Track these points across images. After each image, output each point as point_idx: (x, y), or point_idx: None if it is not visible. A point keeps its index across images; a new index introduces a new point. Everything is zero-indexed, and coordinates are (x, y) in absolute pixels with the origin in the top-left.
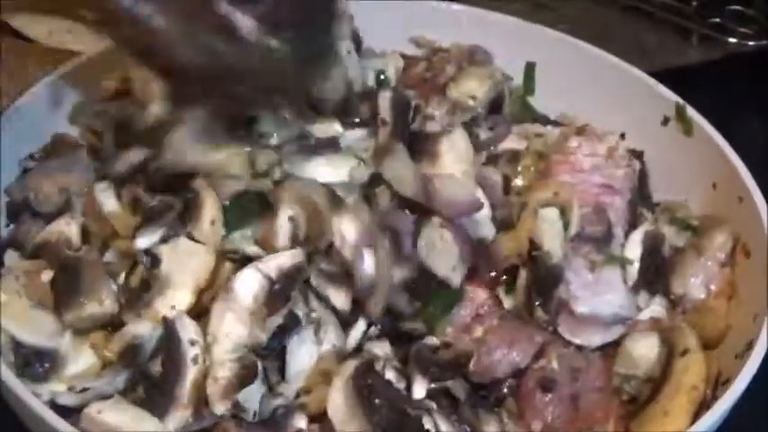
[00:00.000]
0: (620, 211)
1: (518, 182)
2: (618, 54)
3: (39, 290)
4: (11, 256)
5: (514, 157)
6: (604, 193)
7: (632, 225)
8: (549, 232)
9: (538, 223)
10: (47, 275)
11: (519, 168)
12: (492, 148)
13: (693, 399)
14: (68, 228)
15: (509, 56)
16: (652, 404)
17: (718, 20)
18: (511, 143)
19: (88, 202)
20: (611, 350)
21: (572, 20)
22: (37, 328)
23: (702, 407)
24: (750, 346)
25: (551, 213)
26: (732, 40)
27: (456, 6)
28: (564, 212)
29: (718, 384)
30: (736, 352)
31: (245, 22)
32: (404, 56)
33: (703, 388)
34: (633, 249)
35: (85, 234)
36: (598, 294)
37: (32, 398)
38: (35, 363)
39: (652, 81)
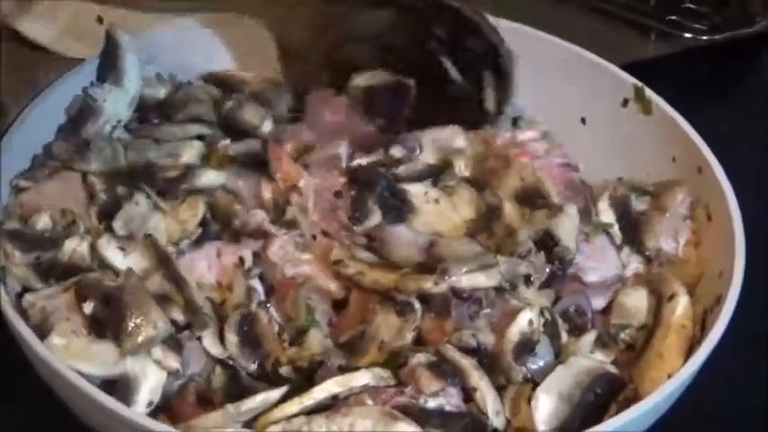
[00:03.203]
0: (583, 185)
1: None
2: None
3: (82, 322)
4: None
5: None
6: (567, 170)
7: (592, 195)
8: (569, 228)
9: (558, 220)
10: (88, 308)
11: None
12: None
13: (683, 337)
14: (81, 248)
15: None
16: (647, 349)
17: (674, 17)
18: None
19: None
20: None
21: (540, 20)
22: (101, 361)
23: (693, 344)
24: (719, 300)
25: (572, 210)
26: (687, 35)
27: None
28: (539, 190)
29: (704, 323)
30: (706, 307)
31: None
32: None
33: (691, 326)
34: (607, 215)
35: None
36: (600, 261)
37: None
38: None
39: (611, 66)
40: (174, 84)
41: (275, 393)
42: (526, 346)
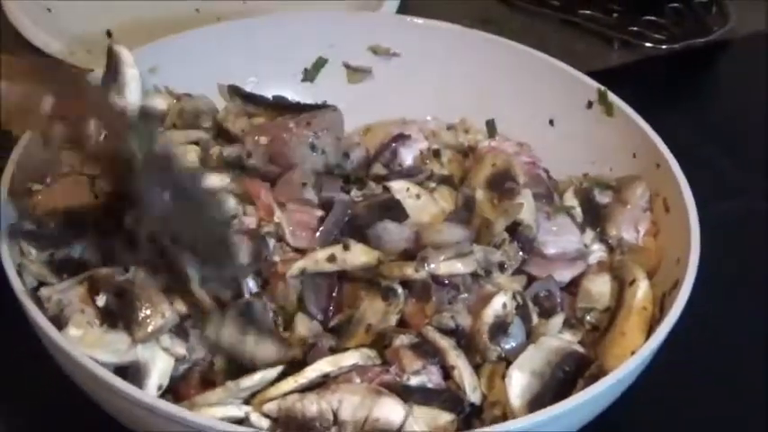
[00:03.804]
0: (546, 179)
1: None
2: None
3: (95, 313)
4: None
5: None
6: (533, 167)
7: (556, 188)
8: (528, 209)
9: (518, 204)
10: (101, 301)
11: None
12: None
13: (644, 318)
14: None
15: (457, 57)
16: (611, 329)
17: (635, 28)
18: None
19: None
20: (573, 289)
21: (514, 32)
22: (114, 349)
23: (653, 324)
24: (677, 284)
25: (528, 195)
26: (648, 44)
27: (413, 19)
28: (509, 172)
29: (663, 305)
30: (664, 290)
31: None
32: None
33: (651, 308)
34: (571, 201)
35: None
36: (560, 236)
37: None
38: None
39: (576, 72)
40: (173, 95)
41: (272, 372)
42: (500, 328)
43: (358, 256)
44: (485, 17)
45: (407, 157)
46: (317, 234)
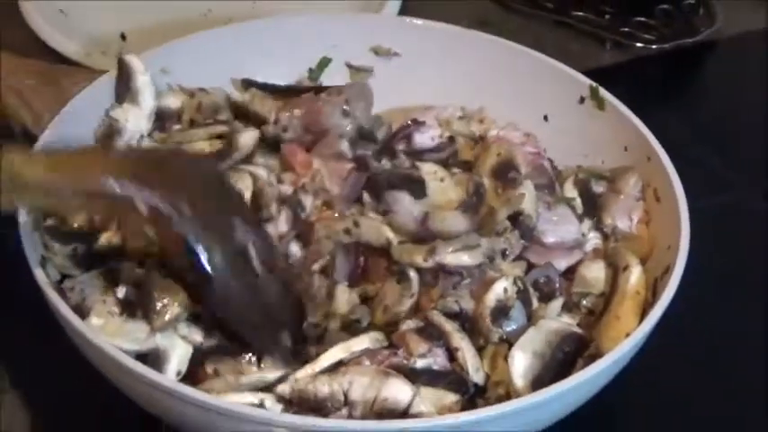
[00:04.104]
0: (550, 169)
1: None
2: None
3: (115, 303)
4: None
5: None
6: (537, 157)
7: (558, 178)
8: (530, 200)
9: (520, 194)
10: (121, 292)
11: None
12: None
13: (638, 302)
14: (115, 239)
15: (455, 56)
16: (606, 313)
17: (627, 29)
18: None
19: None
20: (569, 275)
21: (511, 33)
22: (134, 338)
23: (646, 308)
24: (668, 269)
25: (529, 186)
26: (639, 44)
27: (413, 20)
28: (511, 163)
29: (655, 290)
30: (656, 276)
31: (252, 251)
32: None
33: (644, 293)
34: (572, 193)
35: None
36: (559, 225)
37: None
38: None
39: (569, 69)
40: (185, 92)
41: (270, 375)
42: (502, 311)
43: (368, 232)
44: (482, 19)
45: (422, 141)
46: (346, 184)
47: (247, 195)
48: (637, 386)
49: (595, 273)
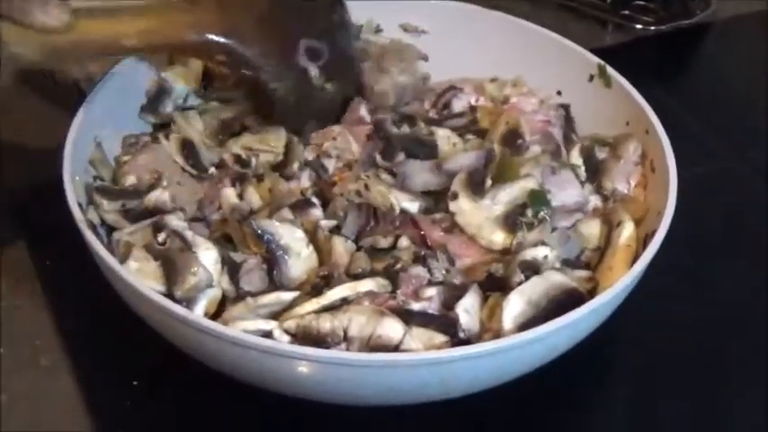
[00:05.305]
0: (559, 137)
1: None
2: None
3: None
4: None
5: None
6: (546, 125)
7: (567, 148)
8: (537, 168)
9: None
10: (161, 236)
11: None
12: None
13: (629, 254)
14: (163, 196)
15: (476, 35)
16: (600, 265)
17: (627, 12)
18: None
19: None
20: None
21: (520, 16)
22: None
23: (636, 260)
24: (653, 233)
25: (535, 149)
26: (638, 26)
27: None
28: (517, 131)
29: (645, 245)
30: (647, 233)
31: (313, 71)
32: None
33: (635, 246)
34: (576, 160)
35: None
36: (563, 189)
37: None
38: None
39: (580, 48)
40: None
41: (287, 296)
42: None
43: (376, 197)
44: (493, 4)
45: (457, 106)
46: (364, 147)
47: (280, 147)
48: (631, 339)
49: (591, 228)
